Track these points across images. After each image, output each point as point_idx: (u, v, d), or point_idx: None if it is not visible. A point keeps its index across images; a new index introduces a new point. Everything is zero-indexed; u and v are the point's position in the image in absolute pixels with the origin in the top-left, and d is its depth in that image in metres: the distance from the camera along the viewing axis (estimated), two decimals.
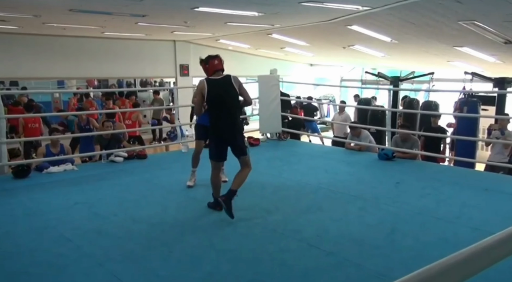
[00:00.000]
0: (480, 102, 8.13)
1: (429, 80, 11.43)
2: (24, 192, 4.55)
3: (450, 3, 5.37)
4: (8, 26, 9.01)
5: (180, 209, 3.90)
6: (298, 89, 15.81)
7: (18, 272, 2.74)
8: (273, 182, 4.81)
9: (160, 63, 12.74)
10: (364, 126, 6.90)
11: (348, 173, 5.37)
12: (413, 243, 3.13)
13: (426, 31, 7.23)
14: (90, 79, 16.39)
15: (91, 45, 11.39)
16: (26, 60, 10.49)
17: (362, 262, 2.81)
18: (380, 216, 3.73)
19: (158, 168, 5.61)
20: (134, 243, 3.16)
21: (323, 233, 3.33)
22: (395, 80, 10.47)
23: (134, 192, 4.53)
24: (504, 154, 6.59)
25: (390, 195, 4.29)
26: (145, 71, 13.09)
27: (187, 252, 3.04)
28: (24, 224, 3.59)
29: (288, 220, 3.63)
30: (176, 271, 2.76)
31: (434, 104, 9.37)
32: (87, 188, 4.66)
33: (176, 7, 6.89)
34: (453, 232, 3.30)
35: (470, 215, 3.70)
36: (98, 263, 2.84)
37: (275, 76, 7.31)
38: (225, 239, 3.26)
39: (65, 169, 5.40)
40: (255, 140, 7.10)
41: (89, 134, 7.07)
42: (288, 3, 6.18)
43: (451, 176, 5.15)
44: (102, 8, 6.80)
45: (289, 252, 3.00)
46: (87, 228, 3.46)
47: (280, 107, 7.37)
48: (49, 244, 3.16)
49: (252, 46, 12.99)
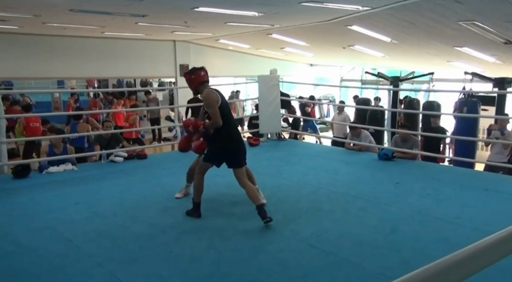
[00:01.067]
0: (480, 102, 8.13)
1: (429, 80, 11.43)
2: (24, 192, 4.56)
3: (450, 3, 5.37)
4: (8, 26, 9.01)
5: (180, 209, 3.90)
6: (298, 89, 15.82)
7: (18, 272, 2.74)
8: (273, 182, 4.81)
9: (160, 63, 12.75)
10: (363, 127, 6.90)
11: (348, 173, 5.37)
12: (413, 243, 3.13)
13: (426, 31, 7.24)
14: (90, 79, 16.40)
15: (91, 45, 11.39)
16: (26, 60, 10.49)
17: (362, 262, 2.82)
18: (380, 216, 3.73)
19: (158, 168, 5.61)
20: (134, 243, 3.16)
21: (323, 233, 3.33)
22: (395, 80, 10.47)
23: (134, 192, 4.53)
24: (504, 154, 6.59)
25: (390, 195, 4.29)
26: (145, 71, 13.10)
27: (187, 252, 3.04)
28: (24, 224, 3.59)
29: (288, 220, 3.63)
30: (176, 271, 2.76)
31: (437, 105, 9.37)
32: (87, 188, 4.66)
33: (176, 7, 6.89)
34: (453, 232, 3.31)
35: (470, 215, 3.70)
36: (98, 263, 2.85)
37: (275, 76, 7.32)
38: (225, 239, 3.26)
39: (65, 169, 5.40)
40: (255, 140, 7.10)
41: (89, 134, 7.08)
42: (288, 3, 6.18)
43: (451, 176, 5.15)
44: (102, 8, 6.80)
45: (289, 252, 3.01)
46: (87, 228, 3.46)
47: (280, 108, 7.38)
48: (49, 244, 3.17)
49: (252, 46, 12.99)
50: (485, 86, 10.11)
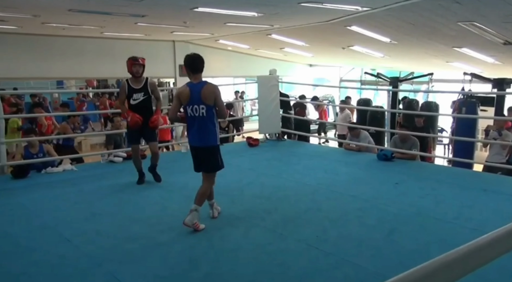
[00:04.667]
0: (478, 103, 8.15)
1: (428, 81, 11.44)
2: (23, 192, 4.55)
3: (449, 4, 5.38)
4: (8, 26, 9.01)
5: (179, 209, 3.90)
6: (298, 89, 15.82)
7: (17, 272, 2.74)
8: (273, 182, 4.81)
9: (160, 64, 12.73)
10: (363, 127, 6.91)
11: (347, 173, 5.37)
12: (412, 244, 3.13)
13: (425, 32, 7.25)
14: (90, 79, 16.39)
15: (90, 45, 11.39)
16: (26, 60, 10.49)
17: (361, 262, 2.82)
18: (379, 216, 3.74)
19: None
20: (133, 243, 3.16)
21: (322, 233, 3.34)
22: (394, 81, 10.49)
23: (134, 192, 4.53)
24: (502, 155, 6.60)
25: (389, 196, 4.30)
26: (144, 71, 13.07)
27: (186, 252, 3.04)
28: (23, 224, 3.59)
29: (287, 220, 3.63)
30: (175, 271, 2.76)
31: (435, 105, 9.38)
32: (86, 188, 4.66)
33: (175, 7, 6.89)
34: (452, 232, 3.31)
35: (469, 215, 3.71)
36: (97, 263, 2.85)
37: (275, 77, 7.32)
38: (225, 239, 3.26)
39: (64, 169, 5.41)
40: (254, 140, 7.10)
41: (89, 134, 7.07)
42: (287, 3, 6.19)
43: (450, 177, 5.16)
44: (102, 8, 6.80)
45: (288, 252, 3.01)
46: (86, 228, 3.46)
47: (279, 108, 7.38)
48: (48, 244, 3.16)
49: (251, 46, 13.00)
50: (484, 87, 10.13)
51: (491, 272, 1.99)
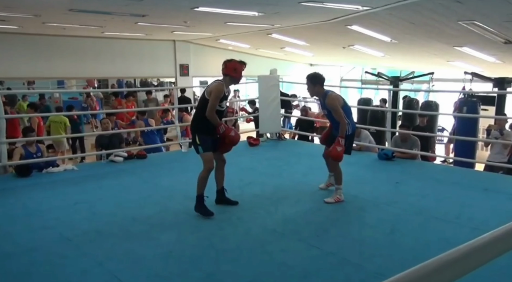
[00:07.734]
0: (479, 102, 8.14)
1: (429, 80, 11.43)
2: (24, 191, 4.55)
3: (450, 3, 5.37)
4: (8, 26, 9.01)
5: (180, 209, 3.90)
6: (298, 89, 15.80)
7: (18, 272, 2.74)
8: (273, 182, 4.81)
9: (160, 63, 12.75)
10: (364, 127, 6.90)
11: (347, 173, 5.31)
12: (413, 243, 3.13)
13: (426, 31, 7.24)
14: (90, 79, 16.39)
15: (91, 45, 11.39)
16: (26, 60, 10.50)
17: (362, 262, 2.81)
18: (380, 216, 3.73)
19: (158, 168, 5.60)
20: (134, 243, 3.16)
21: (323, 233, 3.33)
22: (395, 80, 10.48)
23: (134, 192, 4.53)
24: (503, 154, 6.59)
25: (390, 195, 4.29)
26: (145, 71, 13.10)
27: (187, 252, 3.04)
28: (24, 223, 3.59)
29: (288, 220, 3.63)
30: (176, 271, 2.76)
31: (435, 104, 9.37)
32: (87, 187, 4.66)
33: (176, 7, 6.89)
34: (453, 232, 3.30)
35: (470, 214, 3.70)
36: (97, 263, 2.85)
37: (275, 76, 7.32)
38: (225, 239, 3.26)
39: (65, 168, 5.41)
40: (254, 140, 7.10)
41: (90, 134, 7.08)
42: (288, 3, 6.18)
43: (451, 176, 5.15)
44: (102, 8, 6.80)
45: (289, 252, 3.00)
46: (86, 228, 3.46)
47: (280, 107, 7.37)
48: (48, 244, 3.16)
49: (252, 46, 12.99)
50: (485, 86, 10.12)
51: (491, 272, 1.98)
